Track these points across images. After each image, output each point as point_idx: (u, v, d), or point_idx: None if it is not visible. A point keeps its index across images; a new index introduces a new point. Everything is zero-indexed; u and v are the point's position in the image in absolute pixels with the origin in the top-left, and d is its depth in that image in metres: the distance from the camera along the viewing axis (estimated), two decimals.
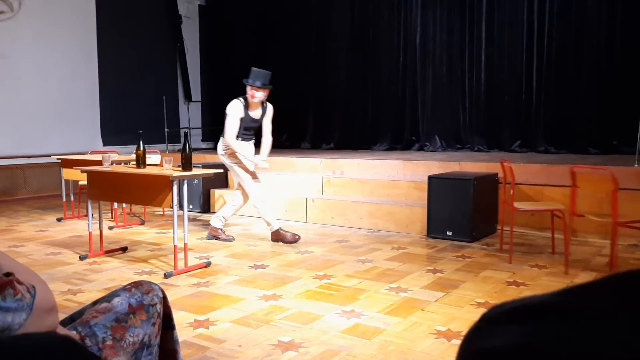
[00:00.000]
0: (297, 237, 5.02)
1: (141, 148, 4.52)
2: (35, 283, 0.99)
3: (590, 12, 6.80)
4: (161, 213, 6.79)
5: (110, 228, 5.81)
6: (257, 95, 4.84)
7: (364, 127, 8.68)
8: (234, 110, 4.87)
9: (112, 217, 6.43)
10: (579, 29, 6.90)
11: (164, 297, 1.39)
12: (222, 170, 5.15)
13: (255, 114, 4.96)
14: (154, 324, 1.29)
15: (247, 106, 4.91)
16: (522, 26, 7.31)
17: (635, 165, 5.00)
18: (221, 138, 5.06)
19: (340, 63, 8.92)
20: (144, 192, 4.20)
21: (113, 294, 1.32)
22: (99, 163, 5.88)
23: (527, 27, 7.28)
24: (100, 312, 1.21)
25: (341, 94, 8.90)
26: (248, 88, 4.85)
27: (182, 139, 4.35)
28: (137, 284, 1.37)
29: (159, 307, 1.32)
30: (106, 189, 4.48)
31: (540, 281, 3.78)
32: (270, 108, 5.04)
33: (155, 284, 1.40)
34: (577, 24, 6.91)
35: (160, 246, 4.98)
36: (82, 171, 4.62)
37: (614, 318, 0.33)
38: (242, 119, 4.89)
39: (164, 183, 4.05)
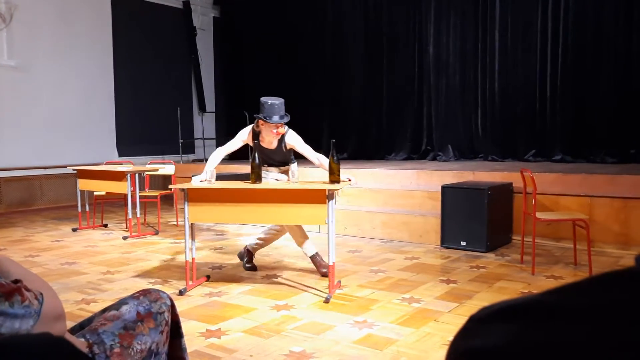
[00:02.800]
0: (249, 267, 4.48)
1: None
2: (43, 290, 1.00)
3: (607, 18, 6.74)
4: (175, 223, 6.82)
5: (125, 238, 5.85)
6: (281, 131, 4.13)
7: (378, 137, 8.67)
8: (239, 135, 4.31)
9: (126, 227, 6.48)
10: (594, 37, 6.84)
11: (172, 305, 1.39)
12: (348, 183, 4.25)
13: (270, 144, 4.24)
14: (161, 332, 1.29)
15: (258, 137, 4.21)
16: (536, 34, 7.27)
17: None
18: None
19: (354, 73, 8.93)
20: (286, 209, 3.67)
21: (121, 302, 1.33)
22: (115, 174, 5.95)
23: (541, 35, 7.23)
24: (109, 320, 1.21)
25: (355, 104, 8.91)
26: (266, 125, 4.07)
27: (331, 149, 3.81)
28: (145, 292, 1.37)
29: (167, 315, 1.32)
30: (223, 208, 3.82)
31: None
32: (290, 134, 4.26)
33: (164, 292, 1.41)
34: (593, 31, 6.85)
35: (174, 257, 5.00)
36: (181, 190, 3.95)
37: (599, 316, 0.33)
38: (259, 149, 4.15)
39: (318, 198, 3.60)
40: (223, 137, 10.46)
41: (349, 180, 4.07)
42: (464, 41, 7.91)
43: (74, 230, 6.40)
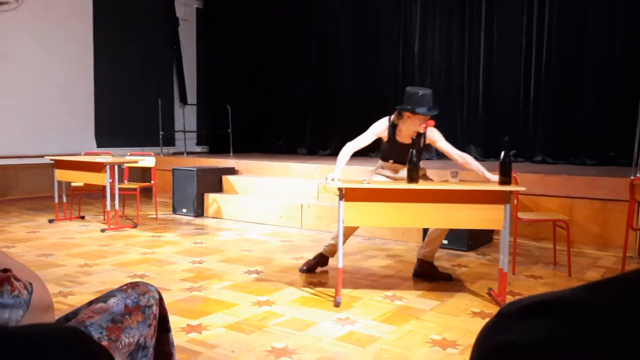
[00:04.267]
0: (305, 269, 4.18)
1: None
2: (33, 280, 0.96)
3: (590, 22, 6.83)
4: (154, 216, 6.73)
5: (103, 230, 5.75)
6: (430, 124, 3.76)
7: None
8: (374, 128, 3.98)
9: (104, 220, 6.37)
10: (578, 40, 6.92)
11: (160, 299, 1.35)
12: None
13: (408, 138, 3.87)
14: (149, 326, 1.25)
15: (394, 131, 3.88)
16: (521, 36, 7.33)
17: (632, 177, 5.00)
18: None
19: (339, 70, 8.91)
20: (458, 212, 3.39)
21: (109, 295, 1.29)
22: (94, 165, 5.84)
23: (526, 37, 7.30)
24: (96, 313, 1.17)
25: (340, 100, 8.88)
26: (413, 118, 3.71)
27: (503, 151, 3.47)
28: (133, 285, 1.34)
29: (155, 309, 1.29)
30: (385, 210, 3.44)
31: (537, 291, 3.75)
32: (430, 128, 3.84)
33: (152, 286, 1.37)
34: (576, 35, 6.93)
35: (154, 250, 4.93)
36: (342, 189, 3.43)
37: (633, 314, 0.32)
38: (388, 142, 3.93)
39: (495, 199, 3.35)
40: (204, 130, 10.38)
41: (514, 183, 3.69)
42: (450, 41, 7.94)
43: (51, 221, 6.27)
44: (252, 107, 9.66)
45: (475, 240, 5.02)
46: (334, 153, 8.78)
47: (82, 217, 6.58)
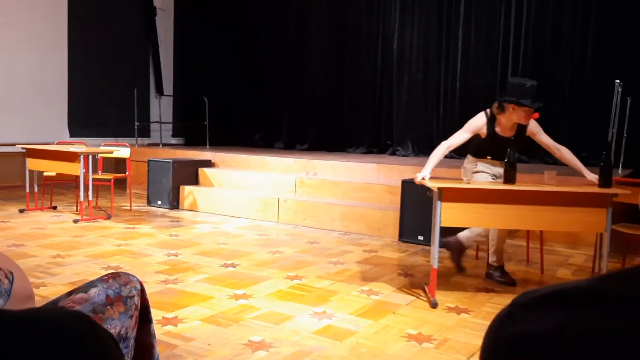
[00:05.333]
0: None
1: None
2: (13, 270, 0.93)
3: (565, 25, 6.95)
4: (128, 208, 6.64)
5: (75, 221, 5.65)
6: (535, 116, 3.63)
7: (339, 130, 8.67)
8: (472, 124, 3.77)
9: (77, 210, 6.27)
10: (553, 42, 7.04)
11: (142, 290, 1.34)
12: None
13: (507, 132, 3.74)
14: (131, 317, 1.24)
15: (493, 124, 3.71)
16: (498, 36, 7.42)
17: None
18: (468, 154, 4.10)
19: (317, 64, 8.89)
20: (561, 214, 3.27)
21: (90, 285, 1.27)
22: (67, 154, 5.73)
23: (503, 37, 7.39)
24: (77, 303, 1.15)
25: (318, 95, 8.87)
26: (517, 110, 3.56)
27: (605, 153, 3.43)
28: (114, 275, 1.32)
29: (136, 300, 1.27)
30: (485, 211, 3.34)
31: (510, 287, 3.82)
32: (531, 122, 3.71)
33: (134, 276, 1.35)
34: (552, 36, 7.05)
35: (128, 241, 4.86)
36: (440, 189, 3.34)
37: None
38: (486, 138, 3.74)
39: (597, 202, 3.25)
40: (181, 121, 10.26)
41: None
42: (428, 38, 7.99)
43: (21, 211, 6.14)
44: (230, 99, 9.59)
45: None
46: (311, 148, 8.79)
47: (54, 208, 6.45)
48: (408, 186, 5.16)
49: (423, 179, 3.50)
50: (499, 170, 3.76)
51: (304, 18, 9.04)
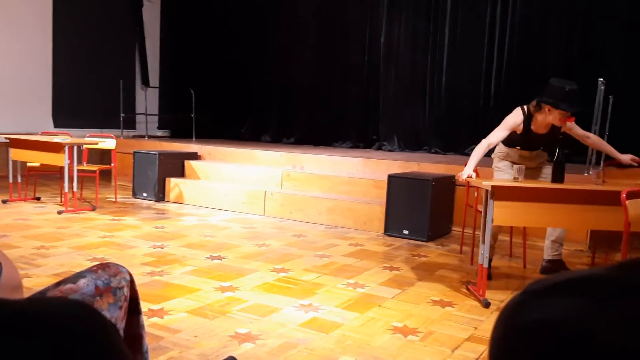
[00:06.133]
0: None
1: None
2: (1, 259, 0.93)
3: (551, 23, 7.01)
4: (113, 200, 6.60)
5: (59, 212, 5.60)
6: (569, 124, 3.70)
7: (326, 124, 8.68)
8: (511, 121, 3.77)
9: (61, 202, 6.21)
10: (538, 40, 7.10)
11: (132, 281, 1.34)
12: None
13: (542, 129, 3.77)
14: (120, 308, 1.24)
15: (530, 121, 3.75)
16: (484, 33, 7.46)
17: (586, 174, 5.19)
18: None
19: (305, 58, 8.88)
20: (609, 213, 3.20)
21: (78, 275, 1.27)
22: (52, 145, 5.67)
23: (489, 34, 7.44)
24: (65, 294, 1.15)
25: (305, 89, 8.86)
26: (554, 113, 3.58)
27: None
28: (104, 266, 1.32)
29: (126, 291, 1.28)
30: (540, 210, 3.29)
31: (493, 281, 3.87)
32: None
33: (123, 267, 1.35)
34: (537, 34, 7.11)
35: (113, 233, 4.84)
36: (493, 187, 3.29)
37: None
38: (521, 134, 3.79)
39: None
40: (167, 113, 10.19)
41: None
42: (415, 34, 8.01)
43: (4, 202, 6.07)
44: (216, 92, 9.55)
45: (435, 231, 5.12)
46: (297, 141, 8.79)
47: (38, 199, 6.39)
48: (395, 181, 5.19)
49: (470, 177, 3.54)
50: (523, 163, 3.82)
51: (293, 11, 9.01)
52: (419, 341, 2.75)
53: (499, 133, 3.77)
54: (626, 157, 3.76)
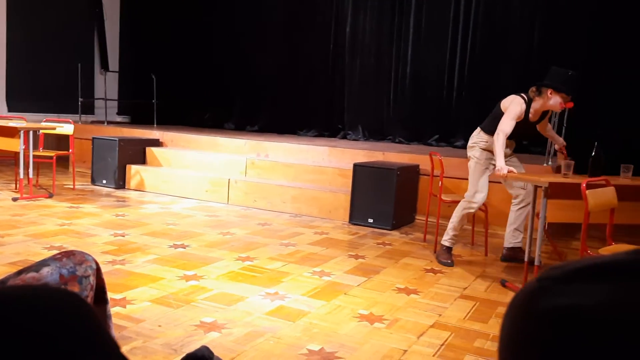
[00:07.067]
0: (449, 262, 4.04)
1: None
2: None
3: (513, 16, 7.12)
4: (71, 186, 6.40)
5: (14, 199, 5.41)
6: (569, 105, 3.76)
7: (291, 112, 8.61)
8: (518, 109, 3.76)
9: (16, 188, 5.99)
10: (501, 32, 7.20)
11: (98, 269, 1.29)
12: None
13: (535, 117, 3.86)
14: (86, 297, 1.19)
15: (529, 109, 3.79)
16: (448, 24, 7.52)
17: (545, 165, 5.32)
18: (479, 129, 4.12)
19: (270, 45, 8.77)
20: None
21: (42, 263, 1.21)
22: (7, 130, 5.45)
23: (453, 25, 7.50)
24: (28, 283, 1.09)
25: (270, 76, 8.76)
26: (555, 96, 3.65)
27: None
28: (68, 254, 1.26)
29: (92, 279, 1.23)
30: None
31: (456, 269, 3.93)
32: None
33: (89, 255, 1.30)
34: (500, 27, 7.21)
35: (72, 221, 4.69)
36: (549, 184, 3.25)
37: None
38: (521, 122, 3.81)
39: None
40: (127, 99, 9.93)
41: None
42: (380, 24, 8.02)
43: None
44: (179, 78, 9.35)
45: (399, 219, 5.17)
46: (262, 129, 8.71)
47: None
48: (360, 170, 5.21)
49: (509, 171, 3.56)
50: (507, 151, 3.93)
51: None
52: (385, 328, 2.77)
53: (510, 122, 3.73)
54: (560, 141, 4.05)
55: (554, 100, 3.66)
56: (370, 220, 5.14)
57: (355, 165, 5.25)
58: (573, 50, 6.55)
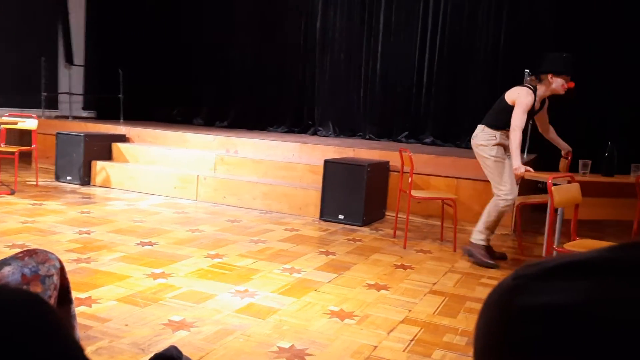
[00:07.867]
0: (490, 263, 3.99)
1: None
2: None
3: (480, 16, 7.21)
4: (34, 183, 6.23)
5: None
6: (571, 84, 3.74)
7: (260, 108, 8.56)
8: (529, 100, 3.74)
9: None
10: (468, 32, 7.29)
11: (62, 268, 1.25)
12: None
13: (537, 104, 3.88)
14: (50, 297, 1.15)
15: (535, 98, 3.81)
16: (418, 21, 7.58)
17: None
18: (482, 126, 4.05)
19: (240, 40, 8.68)
20: None
21: (3, 262, 1.16)
22: None
23: (422, 23, 7.55)
24: None
25: (239, 72, 8.68)
26: (556, 80, 3.70)
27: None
28: (30, 253, 1.22)
29: (55, 279, 1.19)
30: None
31: (426, 265, 3.97)
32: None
33: (52, 254, 1.26)
34: (468, 27, 7.29)
35: (35, 218, 4.57)
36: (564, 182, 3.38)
37: None
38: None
39: None
40: (92, 93, 9.71)
41: None
42: (351, 20, 8.02)
43: None
44: (146, 72, 9.18)
45: (369, 216, 5.19)
46: (231, 125, 8.63)
47: None
48: (331, 166, 5.21)
49: (527, 170, 3.56)
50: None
51: None
52: (355, 324, 2.77)
53: (523, 116, 3.71)
54: (565, 146, 4.03)
55: (556, 84, 3.70)
56: (341, 217, 5.15)
57: (326, 162, 5.24)
58: (540, 45, 6.66)
